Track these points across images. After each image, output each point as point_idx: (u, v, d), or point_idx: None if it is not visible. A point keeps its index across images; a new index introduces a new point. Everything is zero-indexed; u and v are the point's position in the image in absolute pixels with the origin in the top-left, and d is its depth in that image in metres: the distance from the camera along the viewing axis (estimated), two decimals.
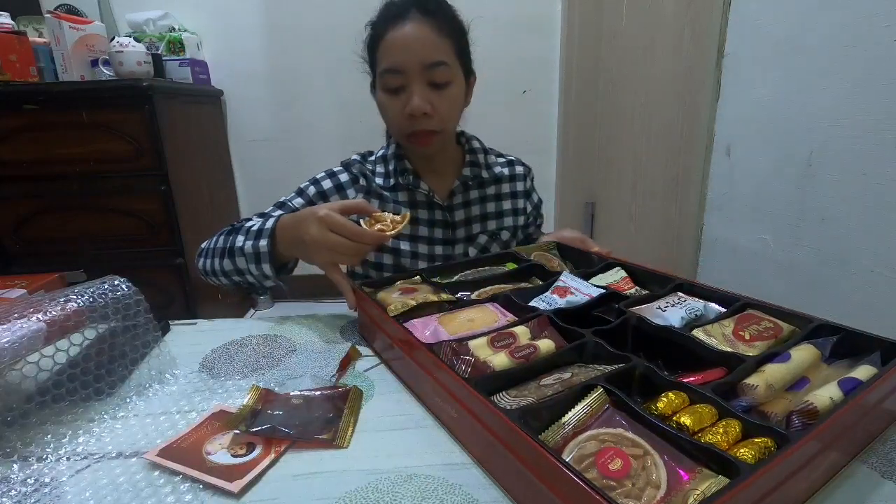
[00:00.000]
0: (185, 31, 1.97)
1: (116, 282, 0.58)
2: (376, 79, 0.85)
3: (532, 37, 2.07)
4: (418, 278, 0.70)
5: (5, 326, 0.48)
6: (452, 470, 0.43)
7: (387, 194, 0.90)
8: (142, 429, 0.50)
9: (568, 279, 0.64)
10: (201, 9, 2.02)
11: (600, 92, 1.87)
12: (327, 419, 0.49)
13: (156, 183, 1.63)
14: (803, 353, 0.45)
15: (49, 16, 1.60)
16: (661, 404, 0.40)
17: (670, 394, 0.41)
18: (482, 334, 0.52)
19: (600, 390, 0.40)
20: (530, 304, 0.61)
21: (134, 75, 1.59)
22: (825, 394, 0.39)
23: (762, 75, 1.16)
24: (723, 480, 0.33)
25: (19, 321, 0.48)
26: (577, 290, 0.62)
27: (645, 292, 0.65)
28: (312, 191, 0.89)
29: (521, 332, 0.53)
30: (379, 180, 0.91)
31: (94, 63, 1.66)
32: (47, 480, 0.43)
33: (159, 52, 1.83)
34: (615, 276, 0.68)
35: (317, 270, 0.70)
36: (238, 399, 0.53)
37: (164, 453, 0.44)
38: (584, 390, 0.41)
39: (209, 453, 0.44)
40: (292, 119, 2.14)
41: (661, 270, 0.68)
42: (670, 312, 0.54)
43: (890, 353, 0.45)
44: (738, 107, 1.25)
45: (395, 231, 0.67)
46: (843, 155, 0.98)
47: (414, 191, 0.90)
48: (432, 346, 0.50)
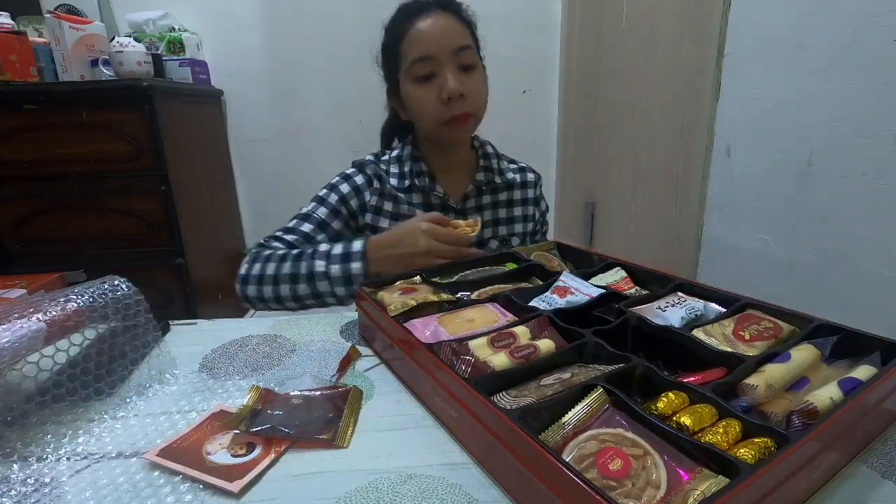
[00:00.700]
0: (185, 31, 1.96)
1: (116, 282, 0.58)
2: (401, 74, 0.85)
3: (532, 37, 2.07)
4: (418, 278, 0.70)
5: (5, 326, 0.48)
6: (452, 470, 0.43)
7: (401, 196, 0.90)
8: (142, 429, 0.50)
9: (568, 279, 0.64)
10: (201, 9, 2.01)
11: (600, 92, 1.87)
12: (327, 419, 0.49)
13: (156, 183, 1.63)
14: (803, 353, 0.45)
15: (49, 16, 1.60)
16: (661, 404, 0.40)
17: (670, 394, 0.41)
18: (482, 334, 0.52)
19: (600, 390, 0.40)
20: (530, 304, 0.61)
21: (134, 75, 1.59)
22: (825, 394, 0.39)
23: (762, 75, 1.16)
24: (723, 480, 0.33)
25: (19, 321, 0.48)
26: (577, 290, 0.62)
27: (645, 292, 0.65)
28: (334, 198, 0.89)
29: (521, 332, 0.53)
30: (393, 181, 0.91)
31: (94, 63, 1.66)
32: (47, 480, 0.43)
33: (159, 52, 1.83)
34: (615, 276, 0.68)
35: None
36: (238, 399, 0.53)
37: (164, 453, 0.44)
38: (584, 390, 0.41)
39: (209, 453, 0.44)
40: (292, 119, 2.14)
41: (661, 270, 0.68)
42: (670, 312, 0.54)
43: (890, 353, 0.45)
44: (738, 107, 1.25)
45: (475, 232, 0.80)
46: (843, 155, 0.98)
47: (429, 193, 0.91)
48: (432, 346, 0.50)
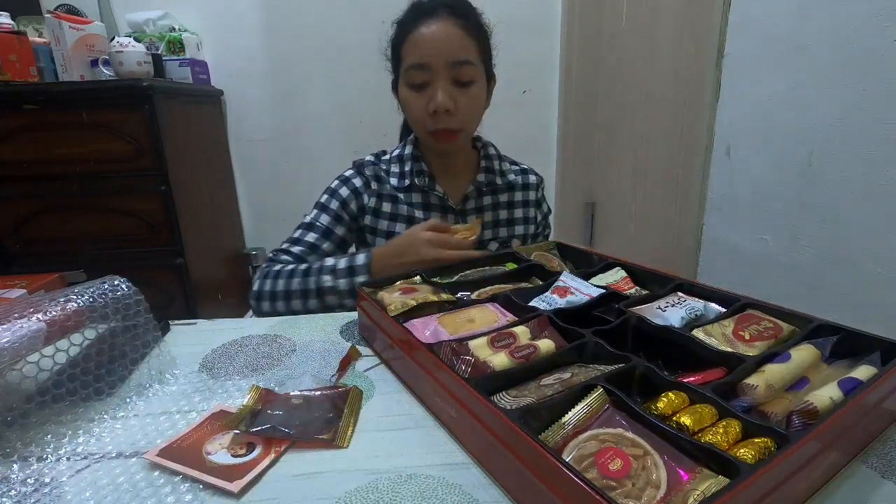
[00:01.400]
0: (185, 31, 1.96)
1: (116, 282, 0.58)
2: (399, 76, 0.85)
3: (532, 37, 2.06)
4: (418, 278, 0.70)
5: (5, 326, 0.47)
6: (452, 470, 0.43)
7: (400, 196, 0.90)
8: (142, 429, 0.50)
9: (568, 279, 0.64)
10: (201, 9, 2.01)
11: (600, 92, 1.87)
12: (327, 419, 0.49)
13: (156, 183, 1.63)
14: (803, 353, 0.45)
15: (49, 16, 1.60)
16: (661, 404, 0.40)
17: (670, 394, 0.41)
18: (482, 334, 0.52)
19: (600, 390, 0.40)
20: (530, 304, 0.61)
21: (134, 75, 1.58)
22: (825, 394, 0.39)
23: (762, 75, 1.16)
24: (723, 480, 0.33)
25: (19, 321, 0.48)
26: (577, 290, 0.62)
27: (645, 292, 0.65)
28: (335, 204, 0.90)
29: (521, 332, 0.53)
30: (393, 180, 0.90)
31: (94, 63, 1.66)
32: (47, 480, 0.43)
33: (159, 52, 1.83)
34: (615, 276, 0.68)
35: None
36: (238, 399, 0.53)
37: (164, 453, 0.44)
38: (584, 390, 0.41)
39: (209, 453, 0.44)
40: (292, 119, 2.14)
41: (661, 270, 0.68)
42: (670, 312, 0.54)
43: (890, 353, 0.45)
44: (738, 107, 1.25)
45: (476, 236, 0.81)
46: (843, 155, 0.98)
47: (428, 193, 0.90)
48: (432, 346, 0.50)
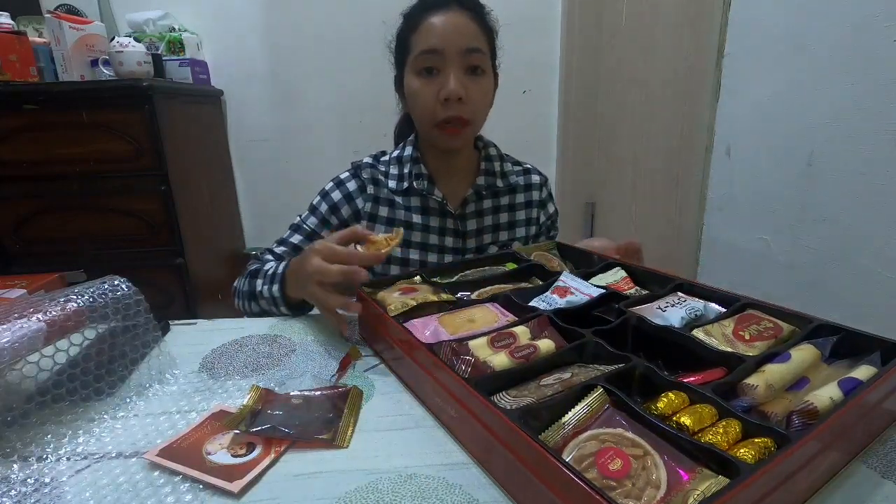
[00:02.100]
0: (185, 31, 1.96)
1: (116, 282, 0.58)
2: (407, 66, 0.83)
3: (532, 37, 2.06)
4: (418, 278, 0.70)
5: (5, 326, 0.47)
6: (452, 470, 0.43)
7: (398, 200, 0.89)
8: (142, 429, 0.50)
9: (568, 279, 0.64)
10: (201, 9, 2.01)
11: (600, 92, 1.87)
12: (327, 419, 0.49)
13: (156, 183, 1.63)
14: (803, 353, 0.45)
15: (49, 16, 1.59)
16: (661, 404, 0.40)
17: (670, 394, 0.41)
18: (482, 334, 0.52)
19: (600, 390, 0.40)
20: (530, 304, 0.61)
21: (134, 75, 1.58)
22: (825, 394, 0.39)
23: (762, 75, 1.16)
24: (723, 480, 0.33)
25: (19, 321, 0.48)
26: (577, 290, 0.62)
27: (645, 292, 0.65)
28: (325, 207, 0.89)
29: (521, 332, 0.53)
30: (392, 183, 0.89)
31: (94, 63, 1.66)
32: (47, 480, 0.43)
33: (159, 52, 1.83)
34: (615, 276, 0.68)
35: None
36: (238, 399, 0.53)
37: (164, 453, 0.44)
38: (584, 390, 0.41)
39: (209, 453, 0.44)
40: (292, 119, 2.14)
41: (661, 270, 0.68)
42: (670, 312, 0.54)
43: (890, 353, 0.45)
44: (738, 107, 1.25)
45: (387, 249, 0.68)
46: (843, 155, 0.98)
47: (427, 197, 0.89)
48: (432, 346, 0.50)
